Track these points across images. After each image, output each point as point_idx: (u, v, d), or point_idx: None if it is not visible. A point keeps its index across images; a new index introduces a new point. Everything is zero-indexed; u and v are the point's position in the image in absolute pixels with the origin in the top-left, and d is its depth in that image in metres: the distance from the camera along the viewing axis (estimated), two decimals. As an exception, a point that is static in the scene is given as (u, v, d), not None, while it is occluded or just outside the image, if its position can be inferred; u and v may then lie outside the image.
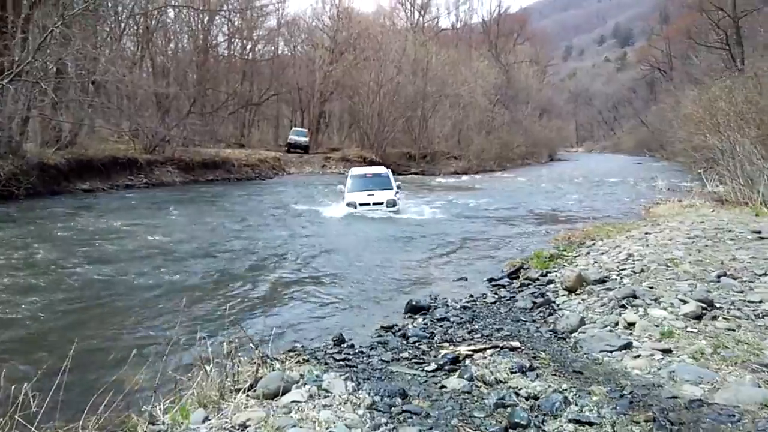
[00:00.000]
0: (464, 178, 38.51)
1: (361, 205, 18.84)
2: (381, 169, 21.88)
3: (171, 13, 37.29)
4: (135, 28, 35.42)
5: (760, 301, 6.09)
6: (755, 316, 5.68)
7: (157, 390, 5.66)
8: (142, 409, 4.81)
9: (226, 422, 4.39)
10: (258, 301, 8.98)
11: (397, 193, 19.72)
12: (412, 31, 56.58)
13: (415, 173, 39.21)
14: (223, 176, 31.49)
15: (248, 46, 46.88)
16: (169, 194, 24.28)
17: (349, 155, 41.02)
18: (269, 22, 49.94)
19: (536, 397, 4.29)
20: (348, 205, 19.04)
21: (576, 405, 4.07)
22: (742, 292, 6.56)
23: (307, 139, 44.14)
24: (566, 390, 4.33)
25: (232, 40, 45.26)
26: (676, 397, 4.03)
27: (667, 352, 4.92)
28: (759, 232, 10.46)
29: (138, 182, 26.70)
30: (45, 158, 22.62)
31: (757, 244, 9.41)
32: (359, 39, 49.69)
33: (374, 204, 18.87)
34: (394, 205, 18.86)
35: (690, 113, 28.19)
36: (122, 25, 33.67)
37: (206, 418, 4.52)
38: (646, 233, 11.76)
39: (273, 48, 50.83)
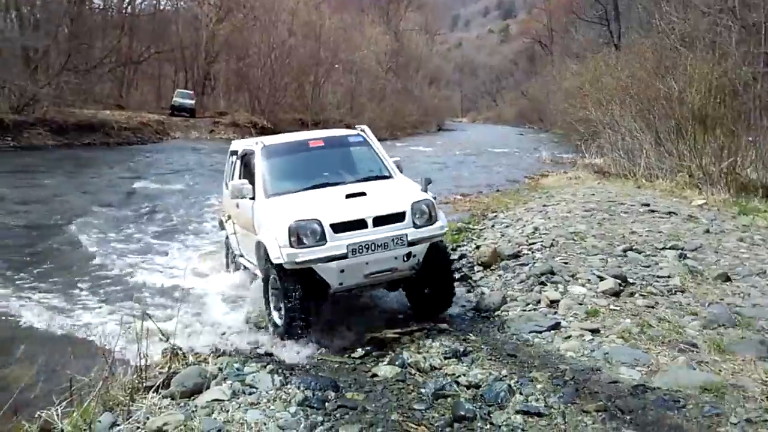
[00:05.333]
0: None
1: (340, 228, 5.35)
2: (344, 133, 7.49)
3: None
4: (-4, -27, 31.68)
5: (669, 276, 6.33)
6: (668, 292, 5.88)
7: (52, 390, 5.00)
8: (35, 415, 4.18)
9: (139, 427, 3.92)
10: (153, 283, 8.29)
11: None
12: (303, -7, 54.96)
13: (308, 140, 38.30)
14: (101, 140, 29.15)
15: (126, 0, 43.54)
16: (41, 159, 22.15)
17: (239, 120, 39.37)
18: (149, -26, 46.58)
19: (477, 386, 4.16)
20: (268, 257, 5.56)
21: (521, 394, 3.96)
22: (648, 266, 6.80)
23: (193, 101, 41.87)
24: (507, 377, 4.22)
25: (109, -8, 41.82)
26: (617, 382, 4.04)
27: (595, 332, 4.97)
28: (648, 205, 11.04)
29: (4, 145, 24.20)
30: None
31: (649, 217, 9.91)
32: (248, -3, 47.52)
33: (375, 223, 5.44)
34: (438, 226, 5.69)
35: (573, 86, 29.54)
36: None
37: (114, 423, 4.03)
38: (544, 206, 12.09)
39: (154, 3, 47.59)
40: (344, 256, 5.25)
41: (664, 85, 15.86)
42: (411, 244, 5.46)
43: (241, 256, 7.14)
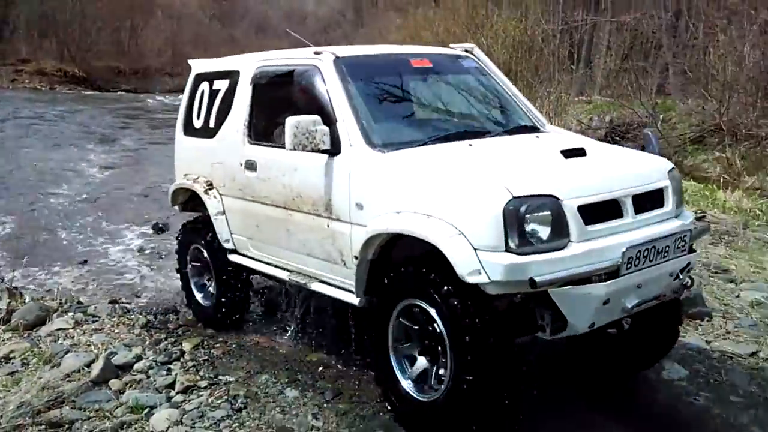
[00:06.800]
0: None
1: (591, 215, 2.77)
2: (450, 52, 4.37)
3: None
4: None
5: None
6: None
7: None
8: None
9: (-16, 360, 4.04)
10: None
11: None
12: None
13: (127, 90, 36.14)
14: None
15: None
16: None
17: (46, 68, 36.01)
18: None
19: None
20: None
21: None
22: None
23: (-12, 48, 37.47)
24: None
25: None
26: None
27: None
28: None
29: None
30: None
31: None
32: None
33: (636, 208, 2.92)
34: (690, 212, 3.57)
35: (397, 40, 30.72)
36: None
37: (-44, 360, 4.10)
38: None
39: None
40: (616, 272, 2.69)
41: (475, 41, 17.31)
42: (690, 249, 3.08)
43: (244, 255, 4.09)
